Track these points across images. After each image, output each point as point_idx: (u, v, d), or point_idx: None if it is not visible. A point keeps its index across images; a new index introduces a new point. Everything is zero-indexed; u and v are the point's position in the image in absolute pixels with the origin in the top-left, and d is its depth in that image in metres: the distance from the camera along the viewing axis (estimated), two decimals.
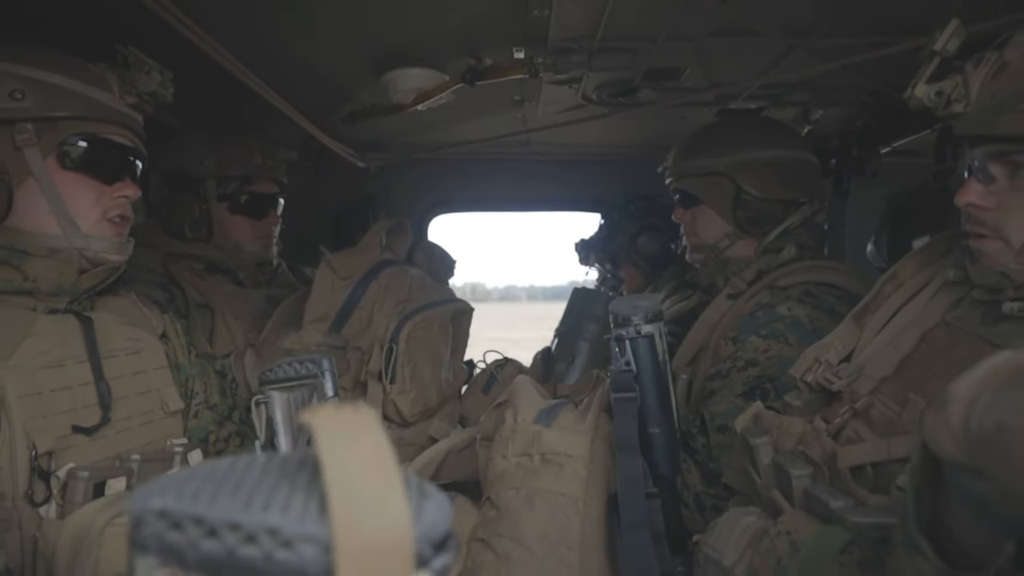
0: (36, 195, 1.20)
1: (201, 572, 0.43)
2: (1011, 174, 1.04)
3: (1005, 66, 1.03)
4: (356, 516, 0.41)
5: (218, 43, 1.39)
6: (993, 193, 1.06)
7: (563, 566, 1.03)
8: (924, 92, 1.11)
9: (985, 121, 1.05)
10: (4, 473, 1.05)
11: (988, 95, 1.05)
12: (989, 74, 1.05)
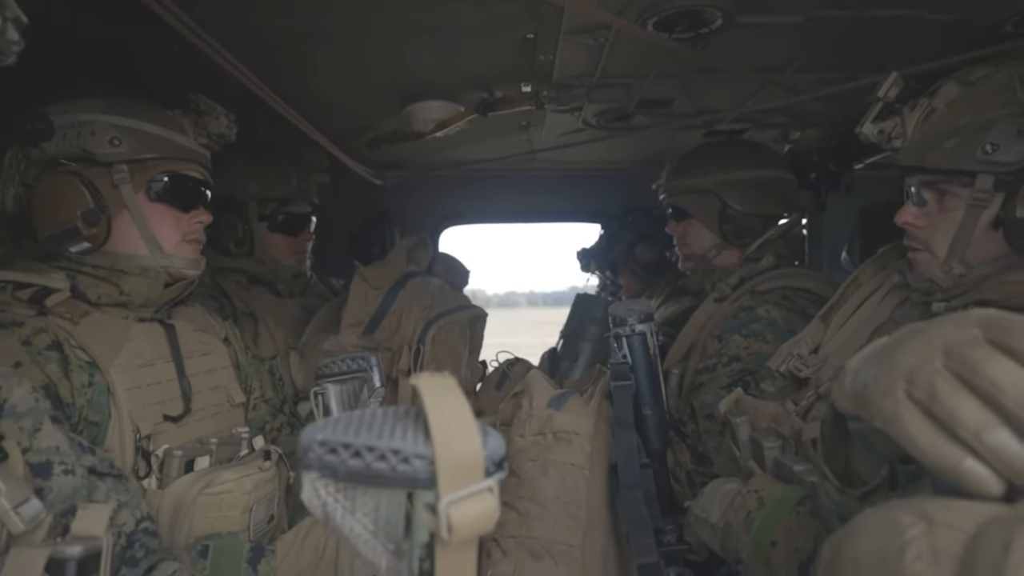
0: (129, 223, 1.44)
1: (348, 481, 0.67)
2: (939, 199, 1.28)
3: (933, 111, 1.26)
4: (449, 442, 0.65)
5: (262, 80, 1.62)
6: (925, 214, 1.30)
7: (572, 520, 1.27)
8: (870, 130, 1.35)
9: (917, 155, 1.29)
10: (115, 453, 1.29)
11: (920, 134, 1.29)
12: (921, 117, 1.29)
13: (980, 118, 1.18)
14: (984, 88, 1.20)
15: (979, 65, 1.24)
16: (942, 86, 1.27)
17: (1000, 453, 0.55)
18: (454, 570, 0.67)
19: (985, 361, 0.57)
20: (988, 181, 1.17)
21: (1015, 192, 1.15)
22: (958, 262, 1.23)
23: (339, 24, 1.53)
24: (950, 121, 1.22)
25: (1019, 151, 1.14)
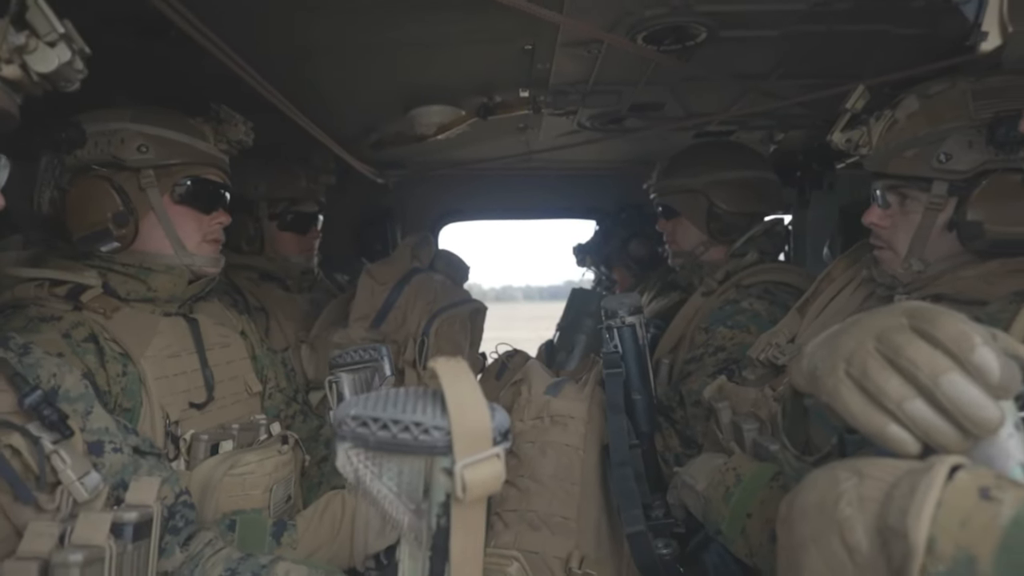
0: (155, 224, 1.55)
1: (377, 450, 0.79)
2: (900, 202, 1.40)
3: (896, 122, 1.38)
4: (463, 415, 0.76)
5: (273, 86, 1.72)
6: (888, 215, 1.42)
7: (568, 495, 1.39)
8: (839, 139, 1.47)
9: (881, 162, 1.41)
10: (146, 437, 1.40)
11: (884, 143, 1.41)
12: (885, 127, 1.41)
13: (936, 130, 1.30)
14: (940, 102, 1.32)
15: (937, 80, 1.36)
16: (904, 99, 1.39)
17: (916, 420, 0.67)
18: (467, 524, 0.79)
19: (907, 344, 0.69)
20: (943, 187, 1.29)
21: (966, 197, 1.27)
22: (917, 259, 1.35)
23: (348, 37, 1.64)
24: (910, 132, 1.34)
25: (969, 160, 1.26)
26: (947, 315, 0.69)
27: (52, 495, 0.89)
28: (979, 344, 0.66)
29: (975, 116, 1.26)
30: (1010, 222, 1.23)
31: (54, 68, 0.83)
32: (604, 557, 1.37)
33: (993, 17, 0.96)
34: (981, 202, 1.26)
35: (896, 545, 0.60)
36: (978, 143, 1.25)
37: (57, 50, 0.83)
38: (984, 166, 1.25)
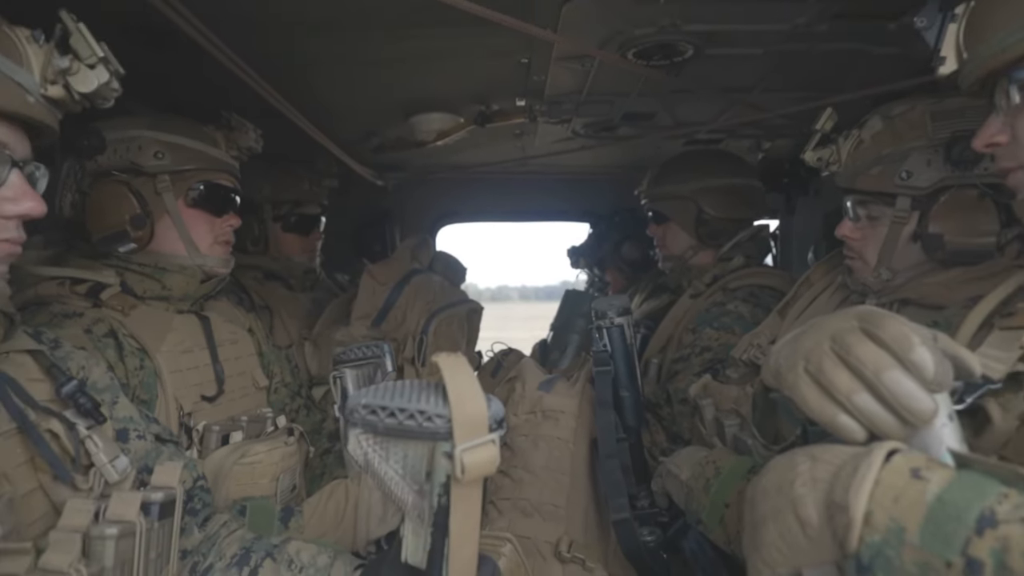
0: (170, 227, 1.63)
1: (385, 435, 0.88)
2: (869, 216, 1.49)
3: (862, 142, 1.48)
4: (462, 405, 0.85)
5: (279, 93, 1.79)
6: (859, 228, 1.51)
7: (558, 485, 1.48)
8: (810, 157, 1.57)
9: (850, 179, 1.51)
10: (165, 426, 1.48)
11: (852, 161, 1.51)
12: (852, 146, 1.50)
13: (898, 149, 1.39)
14: (902, 123, 1.41)
15: (899, 101, 1.45)
16: (869, 119, 1.49)
17: (862, 410, 0.77)
18: (465, 503, 0.88)
19: (856, 344, 0.78)
20: (906, 202, 1.39)
21: (927, 211, 1.37)
22: (885, 269, 1.44)
23: (354, 51, 1.73)
24: (874, 151, 1.43)
25: (929, 177, 1.36)
26: (892, 319, 0.79)
27: (86, 476, 0.98)
28: (917, 345, 0.75)
29: (933, 136, 1.36)
30: (967, 234, 1.32)
31: (94, 88, 0.92)
32: (591, 542, 1.47)
33: (950, 44, 1.05)
34: (941, 216, 1.35)
35: (840, 518, 0.70)
36: (936, 161, 1.35)
37: (96, 72, 0.91)
38: (943, 182, 1.35)
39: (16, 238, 0.95)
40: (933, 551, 0.63)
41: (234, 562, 1.11)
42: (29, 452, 0.94)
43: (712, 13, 1.49)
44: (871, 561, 0.67)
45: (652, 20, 1.52)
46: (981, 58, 0.95)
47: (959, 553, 0.62)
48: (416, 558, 0.93)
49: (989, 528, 0.62)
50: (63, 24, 0.91)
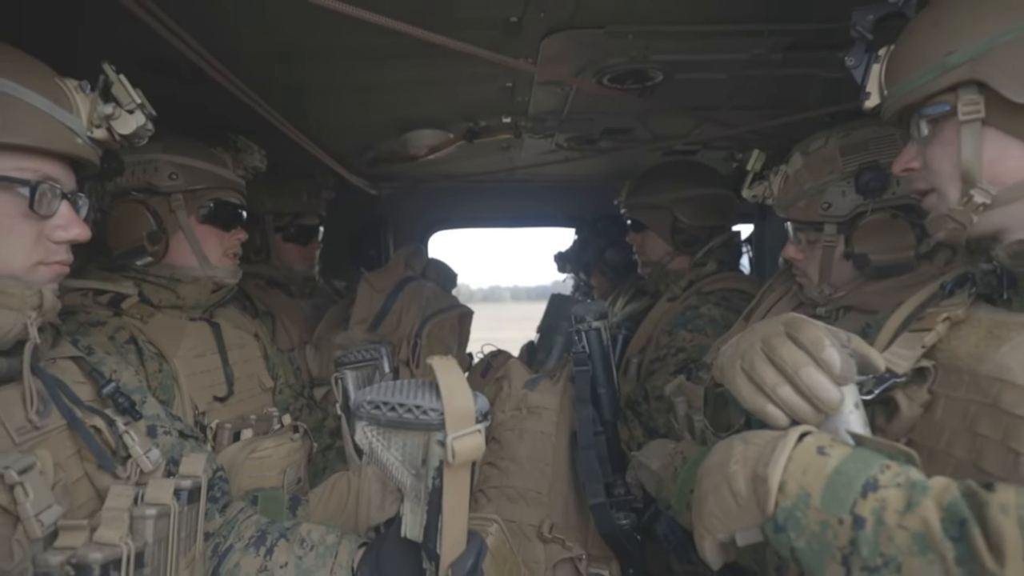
0: (183, 241, 1.77)
1: (387, 427, 1.03)
2: (807, 239, 1.66)
3: (788, 177, 1.66)
4: (453, 400, 1.00)
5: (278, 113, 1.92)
6: (801, 250, 1.68)
7: (541, 474, 1.63)
8: (747, 194, 1.76)
9: (783, 210, 1.69)
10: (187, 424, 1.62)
11: (782, 194, 1.69)
12: (781, 181, 1.68)
13: (817, 184, 1.58)
14: (817, 159, 1.59)
15: (816, 136, 1.64)
16: (792, 155, 1.67)
17: (785, 401, 0.92)
18: (456, 485, 1.03)
19: (780, 346, 0.94)
20: (832, 228, 1.57)
21: (850, 235, 1.54)
22: (827, 284, 1.62)
23: (350, 78, 1.87)
24: (797, 186, 1.62)
25: (846, 206, 1.54)
26: (809, 325, 0.94)
27: (124, 466, 1.12)
28: (827, 346, 0.91)
29: (844, 169, 1.54)
30: (887, 251, 1.50)
31: (133, 130, 1.06)
32: (571, 525, 1.62)
33: (874, 81, 1.20)
34: (862, 237, 1.53)
35: (761, 488, 0.85)
36: (849, 191, 1.53)
37: (135, 116, 1.06)
38: (858, 209, 1.53)
39: (65, 260, 1.09)
40: (830, 512, 0.79)
41: (252, 542, 1.25)
42: (77, 445, 1.08)
43: (676, 46, 1.64)
44: (784, 522, 0.83)
45: (623, 51, 1.68)
46: (897, 96, 1.10)
47: (848, 512, 0.77)
48: (414, 533, 1.09)
49: (872, 492, 0.77)
50: (106, 75, 1.05)
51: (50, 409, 1.05)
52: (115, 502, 1.01)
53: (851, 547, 0.76)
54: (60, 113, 1.01)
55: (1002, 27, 0.95)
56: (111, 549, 0.92)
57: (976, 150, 0.99)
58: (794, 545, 0.82)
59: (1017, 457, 0.84)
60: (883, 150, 1.52)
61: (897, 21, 1.20)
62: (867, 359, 0.96)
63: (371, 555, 1.19)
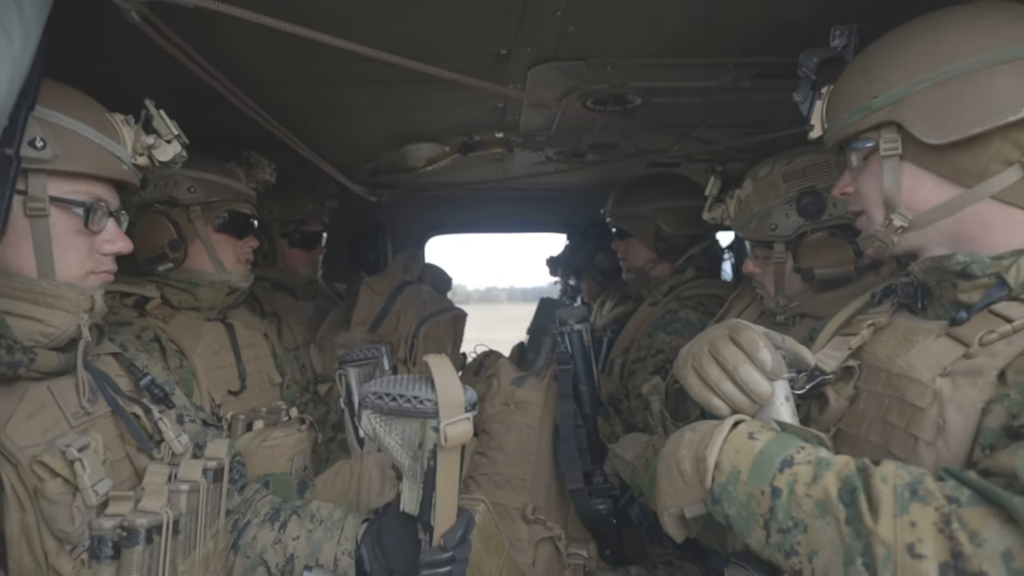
0: (200, 249, 1.93)
1: (388, 415, 1.20)
2: (762, 256, 1.83)
3: (740, 200, 1.83)
4: (446, 392, 1.17)
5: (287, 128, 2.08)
6: (758, 265, 1.85)
7: (526, 462, 1.80)
8: (707, 216, 1.93)
9: (739, 230, 1.86)
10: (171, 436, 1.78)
11: (736, 216, 1.86)
12: (735, 204, 1.85)
13: (764, 207, 1.75)
14: (764, 184, 1.77)
15: (763, 163, 1.81)
16: (745, 181, 1.84)
17: (726, 394, 1.09)
18: (448, 465, 1.20)
19: (723, 347, 1.11)
20: (781, 247, 1.74)
21: (796, 252, 1.71)
22: (782, 295, 1.79)
23: (353, 100, 2.04)
24: (748, 209, 1.79)
25: (789, 227, 1.72)
26: (748, 328, 1.11)
27: (159, 448, 1.28)
28: (761, 347, 1.08)
29: (786, 194, 1.71)
30: (830, 265, 1.67)
31: (170, 158, 1.23)
32: (552, 508, 1.79)
33: (817, 116, 1.37)
34: (806, 254, 1.70)
35: (701, 467, 1.02)
36: (792, 214, 1.71)
37: (172, 145, 1.23)
38: (800, 229, 1.70)
39: (111, 269, 1.25)
40: (754, 485, 0.96)
41: (267, 518, 1.42)
42: (119, 429, 1.24)
43: (651, 75, 1.81)
44: (720, 494, 1.00)
45: (603, 79, 1.84)
46: (834, 130, 1.27)
47: (768, 484, 0.94)
48: (411, 507, 1.25)
49: (788, 468, 0.94)
50: (147, 110, 1.21)
51: (98, 398, 1.21)
52: (153, 478, 1.17)
53: (770, 513, 0.93)
54: (109, 144, 1.18)
55: (916, 77, 1.11)
56: (154, 516, 1.09)
57: (895, 181, 1.16)
58: (727, 513, 0.99)
59: (916, 441, 1.01)
60: (820, 176, 1.70)
61: (837, 64, 1.37)
62: (799, 357, 1.13)
63: (373, 528, 1.36)
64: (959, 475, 0.84)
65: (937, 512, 0.80)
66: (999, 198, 1.10)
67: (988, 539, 0.77)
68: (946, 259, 1.11)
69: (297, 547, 1.37)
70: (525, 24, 1.47)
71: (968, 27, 1.12)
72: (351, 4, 1.34)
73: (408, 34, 1.51)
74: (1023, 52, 1.06)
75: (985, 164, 1.09)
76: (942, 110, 1.09)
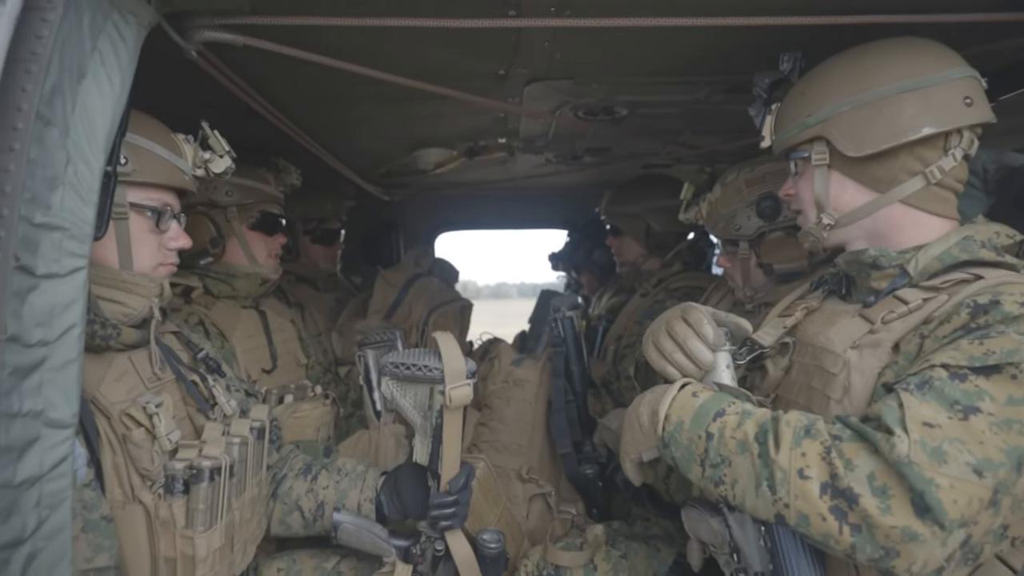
0: (236, 245, 2.19)
1: (403, 381, 1.47)
2: (731, 252, 2.07)
3: (711, 203, 2.06)
4: (450, 362, 1.44)
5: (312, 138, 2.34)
6: (728, 261, 2.08)
7: (522, 431, 2.05)
8: (683, 217, 2.16)
9: (711, 230, 2.09)
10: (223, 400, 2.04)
11: (708, 218, 2.09)
12: (707, 207, 2.08)
13: (729, 209, 1.98)
14: (730, 189, 2.00)
15: (731, 170, 2.04)
16: (715, 186, 2.07)
17: (678, 363, 1.34)
18: (452, 423, 1.46)
19: (675, 324, 1.35)
20: (745, 245, 1.98)
21: (758, 249, 1.95)
22: (748, 287, 2.02)
23: (369, 114, 2.29)
24: (716, 211, 2.03)
25: (751, 228, 1.95)
26: (695, 309, 1.36)
27: (213, 411, 1.54)
28: (704, 324, 1.32)
29: (748, 199, 1.94)
30: (786, 261, 1.90)
31: (223, 170, 1.49)
32: (545, 470, 2.04)
33: (767, 129, 1.60)
34: (766, 251, 1.94)
35: (655, 419, 1.27)
36: (753, 216, 1.93)
37: (224, 160, 1.48)
38: (760, 229, 1.93)
39: (175, 261, 1.51)
40: (694, 431, 1.20)
41: (300, 472, 1.68)
42: (182, 393, 1.50)
43: (633, 91, 2.05)
44: (668, 441, 1.24)
45: (591, 95, 2.09)
46: (779, 141, 1.51)
47: (704, 430, 1.19)
48: (422, 459, 1.51)
49: (719, 417, 1.19)
50: (204, 130, 1.47)
51: (165, 367, 1.48)
52: (212, 432, 1.44)
53: (704, 452, 1.18)
54: (175, 159, 1.44)
55: (840, 100, 1.35)
56: (215, 460, 1.35)
57: (824, 186, 1.40)
58: (674, 455, 1.24)
59: (829, 400, 1.26)
60: (777, 183, 1.93)
61: (786, 85, 1.61)
62: (740, 327, 1.37)
63: (390, 479, 1.62)
64: (843, 420, 1.09)
65: (822, 445, 1.04)
66: (906, 202, 1.34)
67: (858, 465, 1.01)
68: (861, 253, 1.35)
69: (326, 495, 1.63)
70: (519, 52, 1.72)
71: (884, 59, 1.35)
72: (377, 39, 1.58)
73: (422, 60, 1.75)
74: (926, 82, 1.29)
75: (894, 174, 1.33)
76: (861, 128, 1.32)
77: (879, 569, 0.99)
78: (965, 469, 0.95)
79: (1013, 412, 0.99)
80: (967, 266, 1.25)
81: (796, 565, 1.06)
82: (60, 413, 1.00)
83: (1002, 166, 1.61)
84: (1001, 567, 1.11)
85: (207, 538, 1.32)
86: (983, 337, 1.06)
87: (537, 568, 1.71)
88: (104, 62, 1.11)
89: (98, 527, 1.19)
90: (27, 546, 0.96)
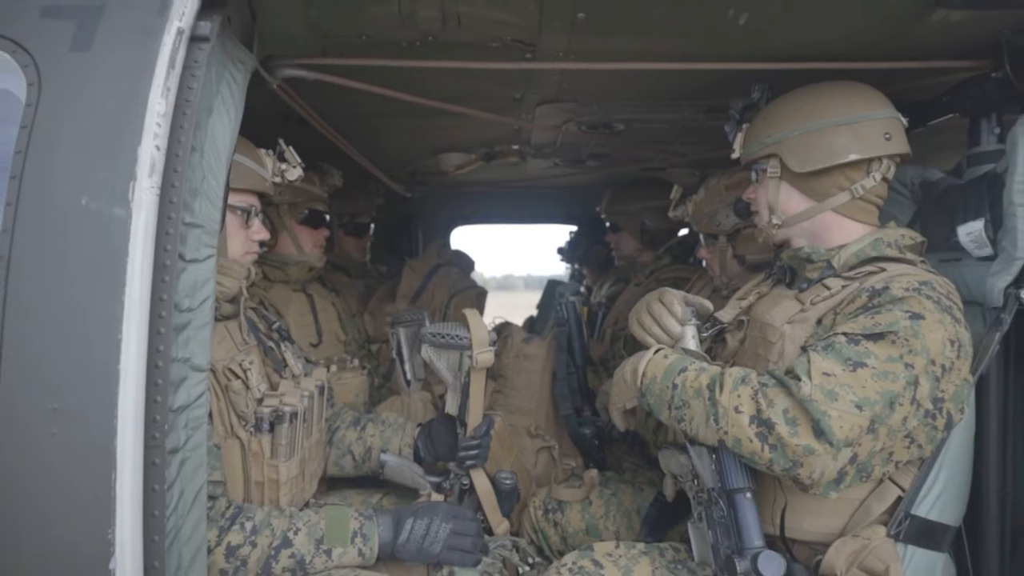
0: (287, 237, 2.57)
1: (439, 347, 1.87)
2: (711, 245, 2.43)
3: (697, 203, 2.42)
4: (476, 331, 1.83)
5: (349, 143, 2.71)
6: (708, 251, 2.45)
7: (531, 397, 2.44)
8: (671, 215, 2.51)
9: (694, 225, 2.45)
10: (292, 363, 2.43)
11: (693, 215, 2.45)
12: (693, 206, 2.44)
13: (711, 208, 2.35)
14: (712, 192, 2.36)
15: (714, 175, 2.40)
16: (700, 188, 2.43)
17: (655, 335, 1.72)
18: (477, 382, 1.84)
19: (654, 304, 1.73)
20: (724, 239, 2.34)
21: (734, 243, 2.31)
22: (725, 275, 2.39)
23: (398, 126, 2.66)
24: (701, 209, 2.38)
25: (729, 224, 2.31)
26: (669, 292, 1.73)
27: (285, 371, 1.92)
28: (675, 303, 1.70)
29: (726, 199, 2.30)
30: (757, 252, 2.27)
31: (295, 178, 1.87)
32: (550, 429, 2.43)
33: (738, 144, 1.95)
34: (741, 244, 2.30)
35: (635, 375, 1.65)
36: (730, 214, 2.29)
37: (296, 169, 1.86)
38: (736, 226, 2.29)
39: (258, 251, 1.89)
40: (663, 383, 1.58)
41: (351, 423, 2.07)
42: (261, 356, 1.89)
43: (627, 110, 2.42)
44: (645, 391, 1.62)
45: (592, 113, 2.46)
46: (746, 155, 1.87)
47: (671, 383, 1.56)
48: (453, 410, 1.89)
49: (683, 372, 1.56)
50: (280, 146, 1.85)
51: (250, 334, 1.86)
52: (286, 387, 1.82)
53: (671, 399, 1.55)
54: (260, 169, 1.82)
55: (792, 127, 1.70)
56: (292, 407, 1.73)
57: (775, 193, 1.77)
58: (649, 403, 1.61)
59: (767, 363, 1.63)
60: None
61: (754, 109, 1.96)
62: (704, 307, 1.75)
63: (425, 428, 2.01)
64: (770, 372, 1.46)
65: (752, 389, 1.42)
66: (837, 210, 1.70)
67: (776, 403, 1.38)
68: (799, 250, 1.72)
69: (373, 441, 2.02)
70: (533, 82, 2.09)
71: (828, 97, 1.70)
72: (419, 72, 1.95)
73: (452, 88, 2.12)
74: (856, 119, 1.64)
75: (828, 188, 1.69)
76: (805, 150, 1.68)
77: (790, 477, 1.37)
78: (849, 405, 1.33)
79: (890, 367, 1.36)
80: (876, 261, 1.61)
81: (735, 477, 1.44)
82: (200, 360, 1.38)
83: (925, 180, 1.99)
84: (893, 487, 1.49)
85: (287, 467, 1.71)
86: (875, 313, 1.43)
87: (543, 503, 2.10)
88: (224, 100, 1.48)
89: (212, 452, 1.58)
90: (180, 454, 1.34)
